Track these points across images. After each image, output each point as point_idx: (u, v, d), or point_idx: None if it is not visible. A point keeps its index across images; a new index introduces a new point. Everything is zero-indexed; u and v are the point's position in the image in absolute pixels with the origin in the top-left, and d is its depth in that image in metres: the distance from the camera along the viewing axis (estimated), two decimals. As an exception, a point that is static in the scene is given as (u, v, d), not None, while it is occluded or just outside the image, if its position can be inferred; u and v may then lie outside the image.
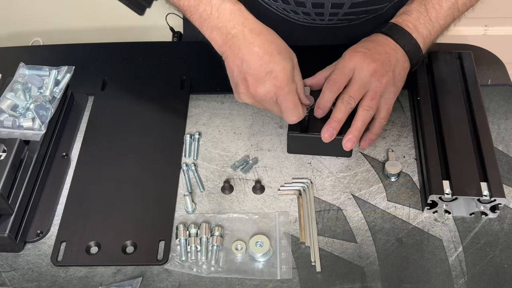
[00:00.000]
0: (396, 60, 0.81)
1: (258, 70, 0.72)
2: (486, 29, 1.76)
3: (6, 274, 0.74)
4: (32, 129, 0.83)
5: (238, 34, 0.72)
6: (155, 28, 1.37)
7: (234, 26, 0.72)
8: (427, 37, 0.82)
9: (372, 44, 0.81)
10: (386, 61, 0.80)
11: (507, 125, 0.89)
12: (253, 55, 0.71)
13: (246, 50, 0.72)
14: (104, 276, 0.74)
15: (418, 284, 0.72)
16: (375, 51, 0.80)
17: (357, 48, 0.81)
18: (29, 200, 0.79)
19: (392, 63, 0.80)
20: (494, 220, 0.78)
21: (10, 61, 0.96)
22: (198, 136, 0.89)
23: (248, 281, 0.73)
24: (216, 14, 0.73)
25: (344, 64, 0.80)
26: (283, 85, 0.72)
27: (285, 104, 0.74)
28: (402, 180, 0.83)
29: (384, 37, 0.82)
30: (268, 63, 0.71)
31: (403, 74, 0.82)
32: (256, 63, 0.72)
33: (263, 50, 0.71)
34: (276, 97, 0.73)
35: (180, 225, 0.77)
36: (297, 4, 0.88)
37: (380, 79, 0.79)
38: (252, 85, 0.73)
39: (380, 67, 0.79)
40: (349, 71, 0.79)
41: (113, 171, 0.85)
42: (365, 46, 0.81)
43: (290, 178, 0.84)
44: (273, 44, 0.72)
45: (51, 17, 1.66)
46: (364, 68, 0.79)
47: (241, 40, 0.72)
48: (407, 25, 0.82)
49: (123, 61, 1.03)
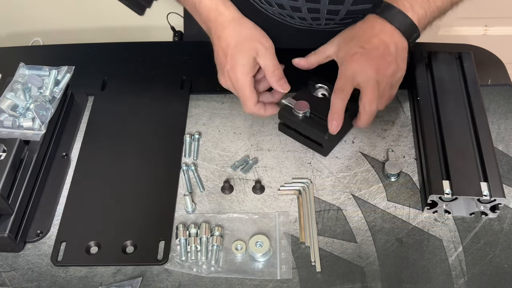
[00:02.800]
0: (395, 45, 0.79)
1: (220, 63, 0.83)
2: (486, 29, 1.76)
3: (6, 274, 0.74)
4: (32, 129, 0.83)
5: (211, 29, 0.83)
6: (155, 28, 1.38)
7: (210, 21, 0.82)
8: (422, 17, 0.81)
9: (366, 37, 0.79)
10: (385, 52, 0.78)
11: (507, 125, 0.89)
12: (219, 49, 0.82)
13: (217, 44, 0.82)
14: (104, 276, 0.74)
15: (418, 284, 0.72)
16: (371, 46, 0.78)
17: (352, 49, 0.79)
18: (29, 200, 0.79)
19: (391, 50, 0.79)
20: (494, 220, 0.78)
21: (10, 61, 0.96)
22: (198, 136, 0.89)
23: (248, 281, 0.73)
24: (199, 11, 0.83)
25: (344, 71, 0.79)
26: (235, 78, 0.80)
27: (239, 95, 0.82)
28: (402, 180, 0.83)
29: (378, 20, 0.80)
30: (225, 56, 0.81)
31: (404, 54, 0.81)
32: (219, 56, 0.82)
33: (224, 43, 0.81)
34: (233, 88, 0.82)
35: (180, 225, 0.77)
36: (292, 9, 0.88)
37: (386, 71, 0.78)
38: (218, 75, 0.84)
39: (380, 62, 0.78)
40: (352, 78, 0.78)
41: (113, 171, 0.85)
42: (359, 43, 0.79)
43: (290, 178, 0.84)
44: (235, 37, 0.81)
45: (51, 17, 1.66)
46: (367, 70, 0.77)
47: (214, 36, 0.82)
48: (403, 4, 0.80)
49: (123, 61, 1.03)
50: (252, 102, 0.82)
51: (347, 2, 0.85)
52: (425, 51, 0.94)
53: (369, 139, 0.88)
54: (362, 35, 0.80)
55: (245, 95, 0.81)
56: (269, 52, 0.81)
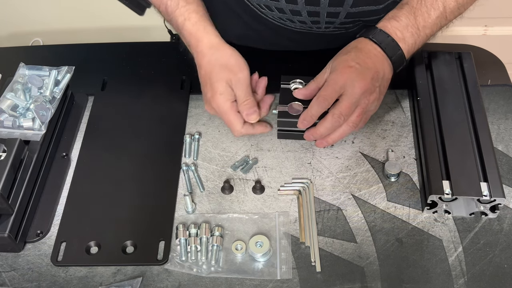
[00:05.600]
0: (383, 73, 0.81)
1: (203, 91, 0.86)
2: (486, 29, 1.76)
3: (6, 274, 0.74)
4: (32, 129, 0.83)
5: (194, 54, 0.86)
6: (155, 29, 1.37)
7: (191, 47, 0.86)
8: (411, 47, 0.82)
9: (362, 57, 0.80)
10: (375, 77, 0.80)
11: (507, 125, 0.89)
12: (200, 77, 0.86)
13: (198, 70, 0.86)
14: (104, 276, 0.74)
15: (418, 284, 0.72)
16: (365, 66, 0.79)
17: (348, 62, 0.80)
18: (29, 200, 0.79)
19: (379, 77, 0.80)
20: (494, 220, 0.78)
21: (10, 61, 0.96)
22: (198, 136, 0.89)
23: (248, 281, 0.73)
24: (182, 33, 0.86)
25: (335, 80, 0.79)
26: (216, 105, 0.83)
27: (225, 120, 0.85)
28: (402, 180, 0.83)
29: (372, 46, 0.81)
30: (206, 85, 0.84)
31: (386, 85, 0.83)
32: (201, 84, 0.86)
33: (203, 72, 0.84)
34: (218, 115, 0.85)
35: (180, 225, 0.77)
36: (292, 13, 0.88)
37: (369, 96, 0.80)
38: (204, 103, 0.87)
39: (369, 84, 0.79)
40: (339, 88, 0.79)
41: (113, 171, 0.85)
42: (356, 59, 0.80)
43: (290, 178, 0.84)
44: (211, 66, 0.83)
45: (51, 17, 1.66)
46: (356, 86, 0.78)
47: (196, 60, 0.86)
48: (395, 33, 0.81)
49: (123, 61, 1.03)
50: (238, 124, 0.84)
51: (346, 4, 0.85)
52: (425, 51, 0.94)
53: (369, 139, 0.88)
54: (358, 53, 0.81)
55: (230, 120, 0.84)
56: (241, 82, 0.83)
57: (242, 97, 0.83)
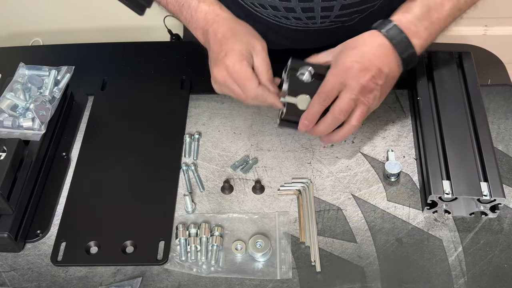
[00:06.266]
0: (388, 71, 0.78)
1: (216, 53, 0.79)
2: (486, 29, 1.76)
3: (6, 274, 0.74)
4: (32, 129, 0.83)
5: (209, 29, 0.81)
6: (155, 28, 1.37)
7: (208, 24, 0.81)
8: (425, 42, 0.80)
9: (368, 53, 0.78)
10: (377, 75, 0.77)
11: (507, 125, 0.89)
12: (216, 43, 0.80)
13: (212, 40, 0.80)
14: (104, 276, 0.74)
15: (418, 284, 0.72)
16: (368, 63, 0.77)
17: (352, 58, 0.78)
18: (29, 200, 0.79)
19: (383, 75, 0.78)
20: (494, 220, 0.78)
21: (10, 61, 0.96)
22: (198, 136, 0.89)
23: (248, 281, 0.73)
24: (195, 17, 0.82)
25: (337, 77, 0.77)
26: (231, 62, 0.77)
27: (238, 81, 0.78)
28: (402, 180, 0.83)
29: (383, 41, 0.79)
30: (222, 45, 0.79)
31: (391, 83, 0.81)
32: (216, 49, 0.79)
33: (221, 36, 0.79)
34: (229, 77, 0.78)
35: (180, 225, 0.77)
36: (286, 10, 0.88)
37: (369, 94, 0.78)
38: (212, 69, 0.80)
39: (370, 81, 0.77)
40: (340, 85, 0.77)
41: (113, 171, 0.85)
42: (361, 56, 0.78)
43: (290, 178, 0.84)
44: (231, 30, 0.79)
45: (51, 17, 1.66)
46: (355, 83, 0.76)
47: (211, 34, 0.80)
48: (409, 28, 0.78)
49: (123, 61, 1.03)
50: (254, 82, 0.77)
51: None
52: (425, 51, 0.93)
53: (369, 139, 0.88)
54: (365, 49, 0.78)
55: (244, 78, 0.77)
56: (264, 52, 0.79)
57: (264, 66, 0.79)
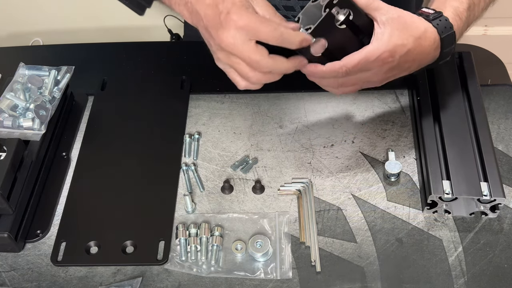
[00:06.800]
0: (418, 64, 0.76)
1: (214, 18, 0.69)
2: (486, 29, 1.76)
3: (6, 274, 0.74)
4: (32, 129, 0.83)
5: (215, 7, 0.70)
6: (155, 28, 1.38)
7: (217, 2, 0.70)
8: (460, 35, 0.78)
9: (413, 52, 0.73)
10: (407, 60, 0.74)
11: (507, 125, 0.89)
12: (207, 8, 0.69)
13: (200, 7, 0.70)
14: (104, 276, 0.74)
15: (418, 284, 0.72)
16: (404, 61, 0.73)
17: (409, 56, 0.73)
18: (29, 200, 0.79)
19: (413, 63, 0.75)
20: (494, 220, 0.78)
21: (10, 61, 0.96)
22: (198, 136, 0.89)
23: (248, 281, 0.73)
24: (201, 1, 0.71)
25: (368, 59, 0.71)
26: (237, 15, 0.67)
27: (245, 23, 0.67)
28: (402, 180, 0.83)
29: (433, 35, 0.74)
30: (218, 5, 0.68)
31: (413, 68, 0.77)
32: (210, 13, 0.69)
33: (222, 5, 0.68)
34: (241, 30, 0.68)
35: (180, 225, 0.77)
36: (286, 9, 0.88)
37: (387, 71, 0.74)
38: (217, 36, 0.69)
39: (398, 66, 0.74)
40: (367, 68, 0.73)
41: (113, 171, 0.85)
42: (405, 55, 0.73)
43: (290, 178, 0.84)
44: None
45: (51, 17, 1.66)
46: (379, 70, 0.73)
47: (195, 1, 0.71)
48: (456, 24, 0.76)
49: (123, 61, 1.03)
50: (264, 52, 0.69)
51: None
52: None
53: (369, 139, 0.88)
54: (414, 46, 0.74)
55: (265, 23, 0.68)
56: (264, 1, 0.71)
57: (271, 11, 0.71)
